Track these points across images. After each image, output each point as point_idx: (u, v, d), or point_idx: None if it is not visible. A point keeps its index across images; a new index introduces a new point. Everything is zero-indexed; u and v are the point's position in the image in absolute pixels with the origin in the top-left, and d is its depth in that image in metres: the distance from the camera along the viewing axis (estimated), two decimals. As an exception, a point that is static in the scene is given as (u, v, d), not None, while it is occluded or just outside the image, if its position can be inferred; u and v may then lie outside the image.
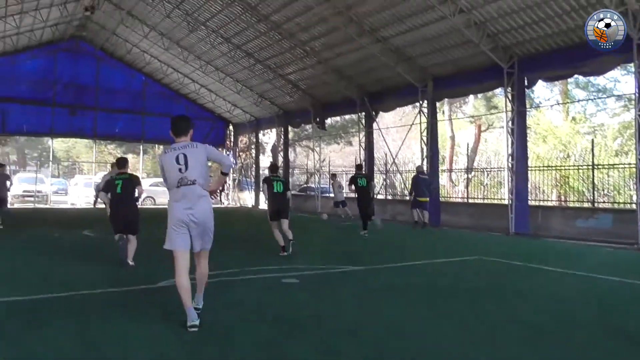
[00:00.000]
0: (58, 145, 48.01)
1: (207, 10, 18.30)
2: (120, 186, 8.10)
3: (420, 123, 16.80)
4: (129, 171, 8.70)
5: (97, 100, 25.55)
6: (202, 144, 4.83)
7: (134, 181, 8.35)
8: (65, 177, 45.03)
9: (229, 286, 6.52)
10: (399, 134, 27.75)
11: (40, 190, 25.92)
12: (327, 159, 26.28)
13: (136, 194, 8.44)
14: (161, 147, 31.53)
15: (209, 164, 5.22)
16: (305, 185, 27.90)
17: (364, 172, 12.09)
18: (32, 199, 25.54)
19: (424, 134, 16.60)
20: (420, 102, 16.63)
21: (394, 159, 18.75)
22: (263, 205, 26.53)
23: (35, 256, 8.83)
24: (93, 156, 31.15)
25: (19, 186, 26.65)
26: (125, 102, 26.38)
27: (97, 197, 16.40)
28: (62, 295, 5.80)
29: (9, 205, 15.53)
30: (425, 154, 16.60)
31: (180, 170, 4.55)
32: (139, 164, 30.00)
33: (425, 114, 16.58)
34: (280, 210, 9.65)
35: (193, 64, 23.14)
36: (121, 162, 8.80)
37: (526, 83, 13.73)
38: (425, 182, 15.43)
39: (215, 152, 5.02)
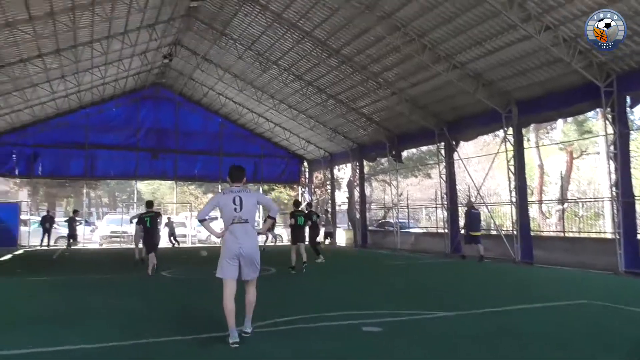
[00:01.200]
0: (144, 187, 50.57)
1: (278, 49, 18.48)
2: (149, 221, 12.09)
3: (506, 151, 15.67)
4: (154, 210, 12.88)
5: (177, 143, 26.57)
6: (255, 191, 6.65)
7: (157, 217, 12.65)
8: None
9: (304, 334, 5.99)
10: (481, 164, 26.45)
11: (126, 230, 26.90)
12: (405, 193, 25.44)
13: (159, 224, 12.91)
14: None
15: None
16: (383, 221, 27.08)
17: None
18: (118, 239, 26.55)
19: (510, 162, 15.43)
20: (505, 129, 15.54)
21: (478, 191, 17.61)
22: (340, 241, 26.01)
23: (111, 298, 8.74)
24: (174, 197, 32.20)
25: (107, 227, 28.03)
26: (203, 144, 27.23)
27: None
28: (130, 343, 5.51)
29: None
30: (512, 184, 15.39)
31: (235, 209, 5.49)
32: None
33: (511, 142, 15.46)
34: (299, 236, 13.13)
35: (266, 103, 23.45)
36: (149, 204, 13.11)
37: (629, 102, 12.36)
38: (477, 216, 16.00)
39: (264, 198, 6.33)
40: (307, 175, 30.13)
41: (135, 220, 14.16)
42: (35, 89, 19.05)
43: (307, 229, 13.91)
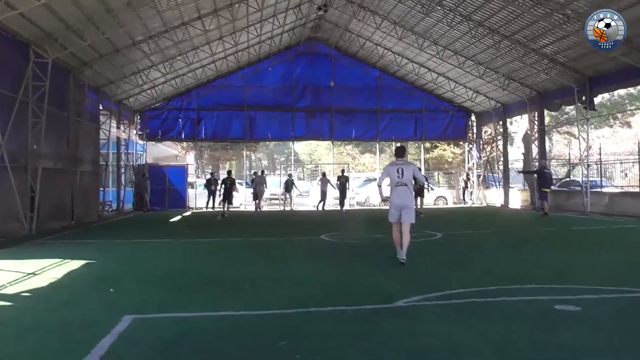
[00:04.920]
0: (301, 148, 52.87)
1: (443, -15, 17.31)
2: (227, 184, 20.08)
3: None
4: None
5: (333, 100, 26.83)
6: (412, 163, 9.73)
7: (233, 183, 20.53)
8: (311, 179, 49.15)
9: (482, 311, 5.46)
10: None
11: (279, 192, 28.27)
12: (596, 146, 22.68)
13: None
14: (398, 143, 31.72)
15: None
16: (567, 179, 24.62)
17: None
18: (277, 201, 28.03)
19: None
20: None
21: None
22: (513, 203, 24.36)
23: (269, 263, 9.08)
24: (331, 157, 32.86)
25: (266, 190, 29.73)
26: (360, 101, 27.17)
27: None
28: (290, 312, 5.50)
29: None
30: None
31: (398, 176, 8.34)
32: (376, 163, 30.53)
33: None
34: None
35: (429, 50, 22.43)
36: (229, 172, 21.08)
37: None
38: (549, 175, 18.81)
39: (417, 171, 8.83)
40: (474, 130, 28.52)
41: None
42: (196, 52, 20.54)
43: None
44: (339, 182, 24.05)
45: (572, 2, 15.13)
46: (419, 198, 18.19)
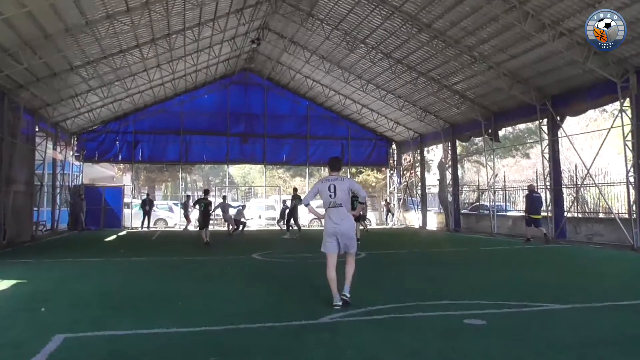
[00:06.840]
0: (235, 171, 52.27)
1: (366, 26, 17.92)
2: (203, 206, 15.90)
3: (622, 126, 14.10)
4: (209, 198, 16.93)
5: (266, 127, 26.96)
6: (347, 178, 7.64)
7: (209, 203, 16.41)
8: (244, 200, 48.53)
9: (400, 325, 5.58)
10: (587, 141, 24.38)
11: (219, 214, 27.77)
12: (501, 174, 23.99)
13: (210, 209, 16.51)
14: (326, 169, 32.12)
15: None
16: (477, 204, 25.80)
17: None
18: (211, 221, 27.41)
19: (627, 138, 13.87)
20: (621, 100, 13.97)
21: (588, 170, 16.06)
22: (430, 225, 25.18)
23: (202, 281, 8.90)
24: (264, 180, 32.80)
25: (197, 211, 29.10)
26: (291, 128, 27.50)
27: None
28: (221, 329, 5.43)
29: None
30: (631, 162, 13.81)
31: (330, 196, 6.42)
32: (306, 186, 30.74)
33: (628, 115, 13.87)
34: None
35: (354, 84, 23.04)
36: (206, 192, 17.77)
37: None
38: (538, 199, 16.35)
39: (355, 184, 6.82)
40: (395, 158, 29.41)
41: (196, 206, 16.68)
42: (134, 78, 20.03)
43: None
44: (294, 202, 19.28)
45: (479, 46, 16.13)
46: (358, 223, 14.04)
